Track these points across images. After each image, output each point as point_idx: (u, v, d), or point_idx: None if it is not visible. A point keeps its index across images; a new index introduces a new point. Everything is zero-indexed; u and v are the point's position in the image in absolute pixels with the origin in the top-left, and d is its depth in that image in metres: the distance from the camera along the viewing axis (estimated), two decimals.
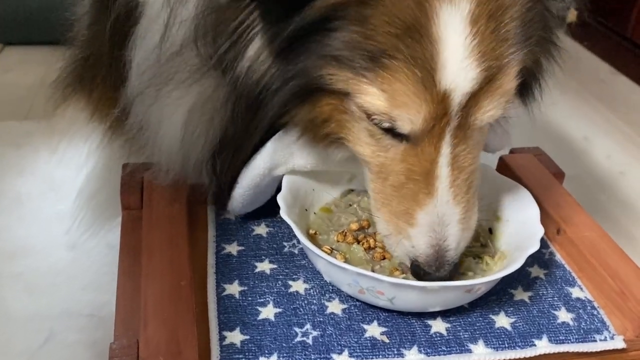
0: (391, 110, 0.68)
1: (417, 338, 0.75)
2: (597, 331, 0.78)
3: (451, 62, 0.66)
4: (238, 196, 0.85)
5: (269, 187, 0.87)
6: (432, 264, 0.74)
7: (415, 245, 0.74)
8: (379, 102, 0.68)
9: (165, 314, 0.73)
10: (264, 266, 0.84)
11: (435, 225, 0.73)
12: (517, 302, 0.81)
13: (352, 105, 0.71)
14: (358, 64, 0.67)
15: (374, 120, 0.70)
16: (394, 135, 0.71)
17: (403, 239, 0.75)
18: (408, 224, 0.74)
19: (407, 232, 0.74)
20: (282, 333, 0.74)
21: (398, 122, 0.69)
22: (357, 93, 0.69)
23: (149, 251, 0.80)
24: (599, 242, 0.89)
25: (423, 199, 0.73)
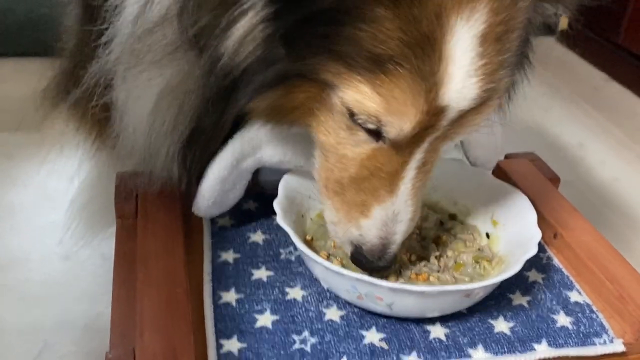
0: (383, 114, 0.67)
1: (416, 344, 0.75)
2: (596, 335, 0.78)
3: (457, 80, 0.65)
4: (204, 191, 0.83)
5: (237, 184, 0.85)
6: (375, 253, 0.75)
7: (364, 235, 0.75)
8: (370, 103, 0.67)
9: (161, 322, 0.72)
10: (261, 273, 0.83)
11: (388, 221, 0.74)
12: (516, 307, 0.81)
13: (334, 98, 0.70)
14: (357, 62, 0.65)
15: (357, 118, 0.69)
16: (371, 133, 0.71)
17: (352, 228, 0.76)
18: (362, 215, 0.75)
19: (358, 222, 0.75)
20: (279, 341, 0.74)
21: (386, 127, 0.68)
22: (345, 88, 0.68)
23: (144, 259, 0.80)
24: (597, 246, 0.89)
25: (383, 196, 0.74)
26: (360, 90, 0.67)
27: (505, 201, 0.87)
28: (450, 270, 0.81)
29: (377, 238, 0.75)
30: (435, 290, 0.71)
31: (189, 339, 0.70)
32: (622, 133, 1.67)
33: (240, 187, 0.86)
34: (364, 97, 0.67)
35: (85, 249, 1.14)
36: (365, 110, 0.67)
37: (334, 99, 0.70)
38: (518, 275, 0.84)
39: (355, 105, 0.68)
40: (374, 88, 0.66)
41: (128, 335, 0.73)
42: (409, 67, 0.64)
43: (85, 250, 1.15)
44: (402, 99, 0.65)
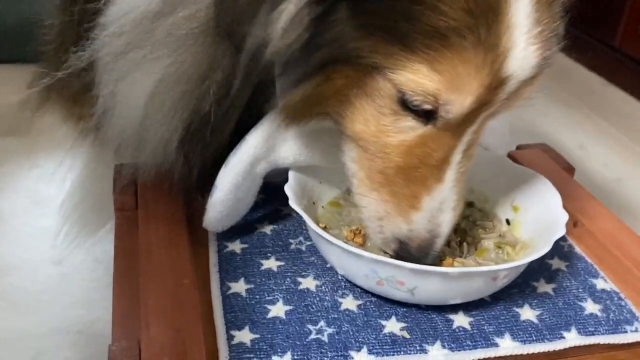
0: (444, 92, 0.62)
1: (440, 333, 0.70)
2: (627, 322, 0.74)
3: (520, 48, 0.62)
4: (217, 203, 0.77)
5: (250, 190, 0.80)
6: (424, 249, 0.71)
7: (414, 230, 0.70)
8: (428, 82, 0.62)
9: (168, 313, 0.67)
10: (271, 263, 0.78)
11: (435, 211, 0.70)
12: (541, 295, 0.77)
13: (381, 81, 0.65)
14: (414, 40, 0.61)
15: (412, 100, 0.64)
16: (419, 117, 0.66)
17: (402, 222, 0.71)
18: (412, 208, 0.70)
19: (409, 216, 0.70)
20: (294, 331, 0.69)
21: (446, 106, 0.64)
22: (398, 69, 0.63)
23: (147, 251, 0.75)
24: (619, 234, 0.85)
25: (432, 184, 0.69)
26: (416, 70, 0.62)
27: (525, 185, 0.83)
28: (473, 255, 0.77)
29: (426, 231, 0.70)
30: (461, 271, 0.67)
31: (198, 330, 0.65)
32: (623, 135, 1.65)
33: (253, 194, 0.81)
34: (420, 76, 0.62)
35: (78, 253, 1.09)
36: (423, 89, 0.63)
37: (380, 83, 0.65)
38: (541, 263, 0.81)
39: (410, 86, 0.63)
40: (433, 65, 0.61)
41: (132, 328, 0.68)
42: (473, 38, 0.60)
43: (78, 255, 1.10)
44: (465, 73, 0.61)
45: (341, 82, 0.67)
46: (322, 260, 0.79)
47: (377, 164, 0.71)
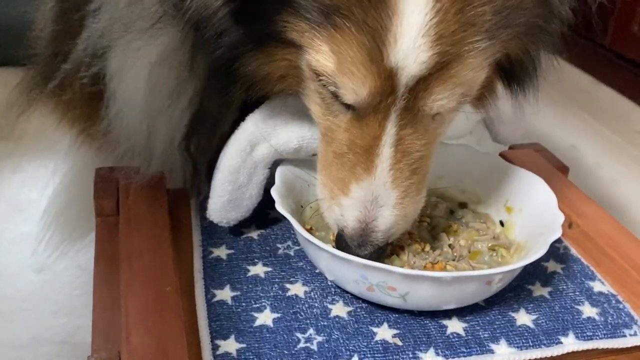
0: (337, 75, 0.62)
1: (433, 339, 0.68)
2: (625, 326, 0.72)
3: (404, 39, 0.59)
4: (216, 186, 0.76)
5: (252, 177, 0.78)
6: (355, 239, 0.69)
7: (344, 215, 0.70)
8: (328, 63, 0.62)
9: (150, 323, 0.64)
10: (258, 269, 0.76)
11: (367, 203, 0.68)
12: (537, 298, 0.75)
13: (302, 62, 0.66)
14: (312, 16, 0.61)
15: (322, 81, 0.64)
16: (340, 102, 0.66)
17: (334, 205, 0.71)
18: (342, 193, 0.69)
19: (339, 200, 0.70)
20: (282, 340, 0.66)
21: (341, 90, 0.63)
22: (308, 48, 0.63)
23: (128, 257, 0.72)
24: (616, 235, 0.84)
25: (360, 173, 0.68)
26: (320, 49, 0.62)
27: (519, 185, 0.81)
28: (466, 258, 0.74)
29: (356, 220, 0.69)
30: (455, 276, 0.64)
31: (182, 339, 0.63)
32: (617, 135, 1.63)
33: (257, 182, 0.78)
34: (323, 56, 0.62)
35: (61, 260, 1.06)
36: (324, 70, 0.63)
37: (302, 63, 0.66)
38: (537, 265, 0.79)
39: (316, 65, 0.63)
40: (330, 46, 0.61)
41: (112, 338, 0.66)
42: (355, 20, 0.59)
43: (61, 262, 1.07)
44: (351, 57, 0.60)
45: (283, 64, 0.68)
46: (311, 266, 0.76)
47: (323, 147, 0.72)
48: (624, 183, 1.50)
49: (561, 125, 1.68)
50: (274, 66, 0.69)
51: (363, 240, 0.69)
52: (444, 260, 0.73)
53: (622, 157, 1.57)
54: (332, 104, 0.67)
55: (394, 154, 0.67)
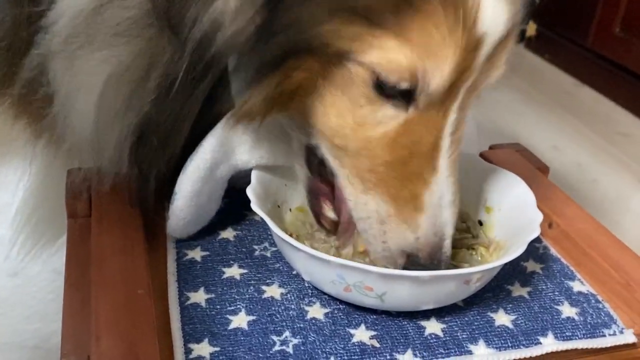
0: (419, 62, 0.58)
1: (411, 341, 0.67)
2: (605, 326, 0.71)
3: (490, 3, 0.58)
4: (177, 209, 0.73)
5: (212, 195, 0.76)
6: (434, 257, 0.64)
7: (421, 236, 0.63)
8: (401, 56, 0.58)
9: (120, 326, 0.62)
10: (233, 271, 0.74)
11: (436, 209, 0.63)
12: (516, 299, 0.74)
13: (349, 67, 0.60)
14: (378, 14, 0.57)
15: (390, 80, 0.60)
16: (398, 102, 0.62)
17: (407, 230, 0.64)
18: (415, 210, 0.63)
19: (414, 221, 0.63)
20: (257, 342, 0.65)
21: (426, 77, 0.59)
22: (367, 50, 0.58)
23: (99, 259, 0.70)
24: (596, 234, 0.83)
25: (428, 177, 0.63)
26: (386, 46, 0.58)
27: (499, 185, 0.80)
28: None
29: (434, 235, 0.63)
30: (432, 275, 0.63)
31: (153, 343, 0.61)
32: (597, 136, 1.64)
33: (217, 198, 0.76)
34: (393, 51, 0.58)
35: (36, 264, 1.04)
36: (397, 65, 0.58)
37: (350, 69, 0.61)
38: (516, 265, 0.78)
39: (384, 64, 0.59)
40: (402, 36, 0.57)
41: (82, 343, 0.64)
42: None
43: (36, 266, 1.04)
44: (439, 35, 0.57)
45: (303, 76, 0.62)
46: (288, 267, 0.75)
47: (363, 163, 0.65)
48: (605, 183, 1.51)
49: (543, 125, 1.69)
50: (287, 83, 0.62)
51: (440, 255, 0.64)
52: None
53: (603, 157, 1.58)
54: (379, 110, 0.62)
55: (451, 143, 0.64)
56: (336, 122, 0.65)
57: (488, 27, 0.59)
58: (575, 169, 1.54)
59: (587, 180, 1.51)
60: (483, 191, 0.81)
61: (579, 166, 1.55)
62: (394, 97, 0.62)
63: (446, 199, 0.64)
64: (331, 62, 0.61)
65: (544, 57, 1.83)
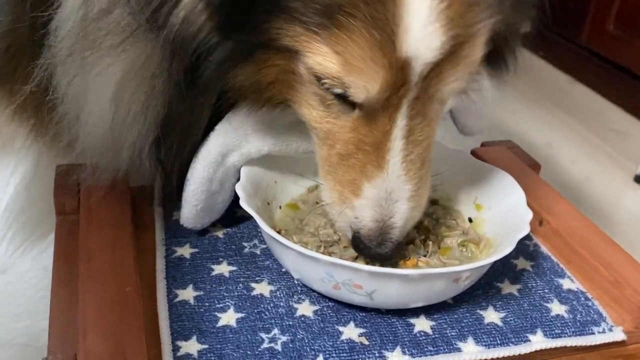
0: (345, 75, 0.60)
1: (400, 338, 0.67)
2: (594, 323, 0.71)
3: (415, 27, 0.58)
4: (189, 196, 0.74)
5: (225, 184, 0.76)
6: (373, 238, 0.68)
7: (359, 217, 0.68)
8: (331, 64, 0.60)
9: (108, 323, 0.62)
10: (222, 268, 0.74)
11: (382, 201, 0.67)
12: (506, 296, 0.74)
13: (300, 66, 0.64)
14: (310, 19, 0.59)
15: (325, 84, 0.62)
16: (345, 102, 0.64)
17: (347, 209, 0.69)
18: (353, 195, 0.68)
19: (351, 202, 0.68)
20: (245, 340, 0.65)
21: (351, 90, 0.61)
22: (306, 52, 0.61)
23: (87, 256, 0.70)
24: (586, 232, 0.83)
25: (371, 172, 0.66)
26: (320, 52, 0.60)
27: (489, 182, 0.80)
28: (437, 254, 0.73)
29: (372, 220, 0.67)
30: (421, 273, 0.63)
31: (141, 340, 0.61)
32: (591, 133, 1.63)
33: (229, 187, 0.77)
34: (324, 58, 0.60)
35: (25, 261, 1.03)
36: (328, 72, 0.61)
37: (300, 68, 0.64)
38: (506, 263, 0.78)
39: (318, 69, 0.61)
40: (332, 46, 0.59)
41: (69, 340, 0.64)
42: (360, 16, 0.57)
43: (25, 263, 1.03)
44: (360, 54, 0.59)
45: (274, 69, 0.65)
46: (278, 264, 0.75)
47: (324, 152, 0.70)
48: (598, 181, 1.51)
49: (537, 123, 1.68)
50: (263, 73, 0.67)
51: (382, 239, 0.68)
52: (415, 256, 0.72)
53: (597, 154, 1.57)
54: (333, 106, 0.66)
55: (405, 146, 0.66)
56: (307, 113, 0.68)
57: (412, 51, 0.59)
58: (568, 166, 1.54)
59: (580, 177, 1.51)
60: (473, 188, 0.81)
61: (572, 163, 1.55)
62: (340, 96, 0.64)
63: (397, 195, 0.67)
64: (290, 60, 0.64)
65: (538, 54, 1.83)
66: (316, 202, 0.81)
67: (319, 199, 0.81)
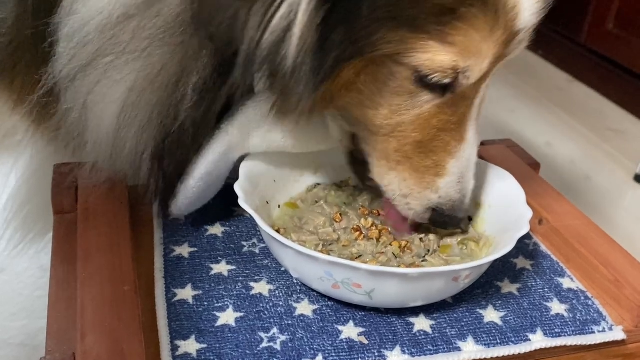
0: (462, 61, 0.63)
1: (399, 337, 0.66)
2: (594, 322, 0.71)
3: (527, 3, 0.63)
4: (188, 190, 0.75)
5: (219, 177, 0.77)
6: (457, 208, 0.72)
7: (444, 195, 0.71)
8: (445, 57, 0.62)
9: (106, 323, 0.62)
10: (221, 268, 0.74)
11: (464, 170, 0.71)
12: (506, 295, 0.73)
13: (391, 65, 0.65)
14: (422, 21, 0.61)
15: (432, 78, 0.64)
16: (436, 90, 0.66)
17: (429, 193, 0.71)
18: (437, 176, 0.70)
19: (436, 185, 0.71)
20: (245, 339, 0.64)
21: (467, 73, 0.64)
22: (411, 52, 0.62)
23: (85, 255, 0.70)
24: (586, 231, 0.82)
25: (455, 147, 0.70)
26: (430, 49, 0.62)
27: (488, 181, 0.80)
28: (437, 252, 0.73)
29: (458, 193, 0.71)
30: (421, 272, 0.63)
31: (139, 339, 0.60)
32: (591, 132, 1.63)
33: (223, 179, 0.78)
34: (436, 53, 0.62)
35: (23, 260, 1.02)
36: (441, 66, 0.63)
37: (392, 67, 0.65)
38: (505, 262, 0.78)
39: (427, 65, 0.63)
40: (446, 39, 0.61)
41: (67, 340, 0.64)
42: (481, 3, 0.60)
43: (23, 262, 1.03)
44: (480, 37, 0.62)
45: (350, 73, 0.66)
46: (277, 264, 0.74)
47: (392, 144, 0.70)
48: (597, 180, 1.51)
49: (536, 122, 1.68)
50: (338, 81, 0.66)
51: (462, 206, 0.72)
52: (416, 257, 0.72)
53: (596, 153, 1.58)
54: (417, 97, 0.67)
55: (477, 112, 0.70)
56: (371, 113, 0.69)
57: (526, 21, 0.64)
58: (568, 165, 1.54)
59: (579, 176, 1.51)
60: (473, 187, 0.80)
61: (571, 162, 1.55)
62: (433, 86, 0.66)
63: (471, 162, 0.71)
64: (374, 62, 0.65)
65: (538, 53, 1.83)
66: (315, 201, 0.81)
67: (318, 198, 0.81)
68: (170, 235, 0.78)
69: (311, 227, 0.76)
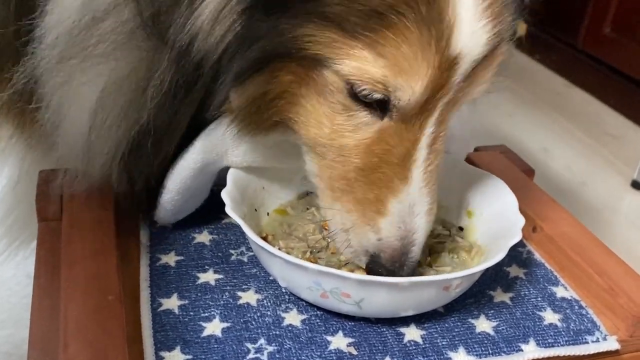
0: (391, 77, 0.58)
1: (389, 348, 0.65)
2: (587, 332, 0.70)
3: (467, 22, 0.58)
4: (166, 202, 0.74)
5: (200, 189, 0.76)
6: (396, 260, 0.64)
7: (384, 238, 0.64)
8: (374, 69, 0.58)
9: (90, 333, 0.60)
10: (208, 277, 0.72)
11: (406, 216, 0.64)
12: (498, 304, 0.72)
13: (327, 75, 0.61)
14: (352, 23, 0.57)
15: (361, 91, 0.60)
16: (374, 111, 0.62)
17: (369, 232, 0.65)
18: (378, 214, 0.64)
19: (376, 224, 0.64)
20: (231, 350, 0.63)
21: (396, 92, 0.59)
22: (341, 58, 0.59)
23: (69, 263, 0.68)
24: (580, 238, 0.81)
25: (397, 185, 0.63)
26: (360, 57, 0.58)
27: (480, 188, 0.79)
28: (428, 262, 0.72)
29: (397, 240, 0.64)
30: (411, 281, 0.62)
31: (123, 350, 0.59)
32: (588, 137, 1.63)
33: (206, 189, 0.77)
34: (365, 62, 0.58)
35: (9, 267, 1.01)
36: (370, 77, 0.59)
37: (327, 77, 0.61)
38: (498, 270, 0.77)
39: (356, 74, 0.59)
40: (376, 49, 0.57)
41: (50, 349, 0.62)
42: (413, 15, 0.56)
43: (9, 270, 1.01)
44: (411, 53, 0.57)
45: (287, 78, 0.62)
46: (265, 273, 0.73)
47: (336, 170, 0.66)
48: (594, 186, 1.50)
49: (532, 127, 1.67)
50: (274, 84, 0.63)
51: (404, 259, 0.65)
52: None
53: (593, 159, 1.57)
54: (356, 117, 0.63)
55: (428, 154, 0.64)
56: (314, 131, 0.65)
57: (463, 47, 0.58)
58: (564, 171, 1.53)
59: (576, 182, 1.50)
60: (465, 194, 0.79)
61: (568, 169, 1.54)
62: (370, 105, 0.62)
63: (418, 208, 0.65)
64: (312, 69, 0.61)
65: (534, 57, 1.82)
66: (306, 208, 0.79)
67: (309, 205, 0.80)
68: (157, 243, 0.77)
69: (300, 234, 0.74)
